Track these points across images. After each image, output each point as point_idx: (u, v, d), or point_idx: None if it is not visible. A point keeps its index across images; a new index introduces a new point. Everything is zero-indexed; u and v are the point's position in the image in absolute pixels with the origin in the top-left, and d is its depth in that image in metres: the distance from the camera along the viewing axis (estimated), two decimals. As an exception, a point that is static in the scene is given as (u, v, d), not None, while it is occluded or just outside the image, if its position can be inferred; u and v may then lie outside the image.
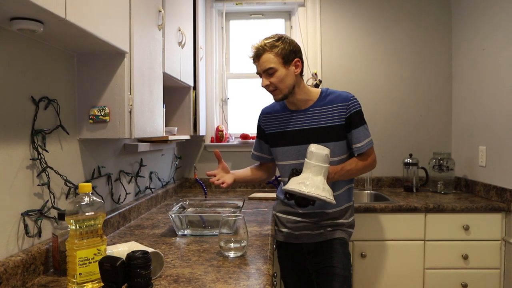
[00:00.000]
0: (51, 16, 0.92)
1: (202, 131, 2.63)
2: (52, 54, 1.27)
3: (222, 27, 3.00)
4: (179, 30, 2.01)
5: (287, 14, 3.04)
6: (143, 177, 2.10)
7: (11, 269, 1.02)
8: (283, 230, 1.78)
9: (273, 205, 1.98)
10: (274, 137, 1.75)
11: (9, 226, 1.08)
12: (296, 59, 1.62)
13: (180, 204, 1.79)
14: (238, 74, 3.06)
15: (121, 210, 1.72)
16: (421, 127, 2.88)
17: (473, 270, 2.21)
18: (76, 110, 1.41)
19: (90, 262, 1.01)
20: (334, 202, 1.40)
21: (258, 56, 1.60)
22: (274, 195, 2.45)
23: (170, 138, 2.05)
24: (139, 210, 1.95)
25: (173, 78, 1.94)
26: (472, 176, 2.58)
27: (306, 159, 1.43)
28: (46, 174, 1.22)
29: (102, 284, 0.97)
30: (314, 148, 1.43)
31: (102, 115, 1.38)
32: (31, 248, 1.14)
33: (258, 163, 1.90)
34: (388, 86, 2.89)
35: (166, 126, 2.10)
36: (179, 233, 1.60)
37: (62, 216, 1.16)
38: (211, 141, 2.95)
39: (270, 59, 1.57)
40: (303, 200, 1.42)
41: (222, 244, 1.33)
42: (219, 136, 2.91)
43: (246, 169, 1.85)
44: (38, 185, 1.20)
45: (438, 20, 2.85)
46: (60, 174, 1.29)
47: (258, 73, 1.64)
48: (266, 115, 1.80)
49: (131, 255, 0.97)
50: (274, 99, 1.67)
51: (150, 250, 1.09)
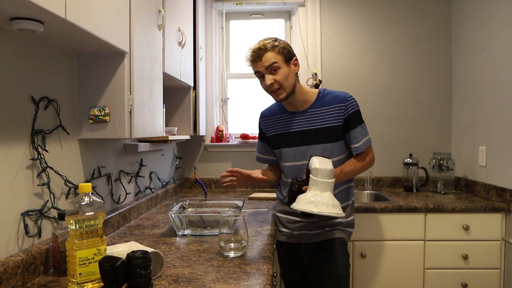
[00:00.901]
0: (51, 16, 0.92)
1: (202, 131, 2.63)
2: (52, 54, 1.27)
3: (222, 27, 3.00)
4: (179, 30, 2.01)
5: (287, 14, 3.04)
6: (143, 177, 2.10)
7: (11, 269, 1.02)
8: (283, 230, 1.78)
9: (273, 205, 1.98)
10: (274, 139, 1.75)
11: (9, 226, 1.08)
12: (294, 58, 1.65)
13: (180, 204, 1.79)
14: (238, 74, 3.06)
15: (121, 210, 1.72)
16: (421, 127, 2.88)
17: (473, 270, 2.21)
18: (76, 110, 1.41)
19: (90, 262, 1.01)
20: (344, 215, 1.41)
21: (259, 56, 1.59)
22: (274, 195, 2.45)
23: (170, 138, 2.05)
24: (139, 210, 1.95)
25: (173, 78, 1.94)
26: (472, 176, 2.58)
27: (311, 176, 1.43)
28: (46, 174, 1.22)
29: (102, 284, 0.97)
30: (318, 164, 1.43)
31: (102, 115, 1.38)
32: (31, 248, 1.14)
33: (265, 166, 1.89)
34: (388, 86, 2.89)
35: (166, 126, 2.10)
36: (179, 233, 1.60)
37: (62, 216, 1.16)
38: (211, 141, 2.95)
39: (273, 57, 1.58)
40: (310, 213, 1.42)
41: (222, 244, 1.33)
42: (219, 136, 2.91)
43: (264, 170, 1.83)
44: (38, 185, 1.20)
45: (438, 20, 2.85)
46: (60, 174, 1.29)
47: (258, 73, 1.63)
48: (265, 118, 1.81)
49: (131, 255, 0.97)
50: (277, 99, 1.65)
51: (150, 250, 1.09)
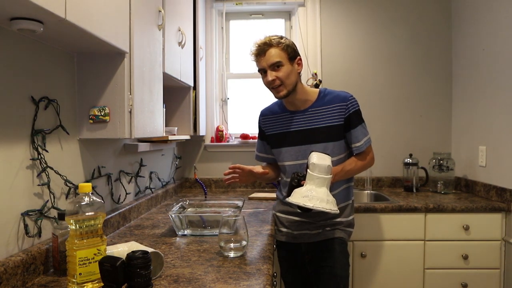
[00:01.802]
0: (51, 16, 0.92)
1: (202, 131, 2.63)
2: (52, 54, 1.27)
3: (222, 27, 3.00)
4: (179, 30, 2.01)
5: (287, 14, 3.04)
6: (143, 177, 2.10)
7: (11, 269, 1.02)
8: (283, 230, 1.78)
9: (273, 205, 1.98)
10: (274, 138, 1.75)
11: (9, 226, 1.08)
12: (298, 57, 1.64)
13: (180, 204, 1.79)
14: (238, 74, 3.06)
15: (121, 210, 1.72)
16: (421, 127, 2.88)
17: (473, 270, 2.21)
18: (76, 110, 1.41)
19: (90, 262, 1.01)
20: (338, 211, 1.41)
21: (264, 51, 1.59)
22: (274, 195, 2.45)
23: (170, 138, 2.05)
24: (139, 210, 1.95)
25: (173, 78, 1.94)
26: (472, 176, 2.58)
27: (308, 170, 1.42)
28: (46, 174, 1.22)
29: (102, 284, 0.97)
30: (316, 159, 1.42)
31: (102, 115, 1.38)
32: (31, 248, 1.14)
33: (264, 164, 1.89)
34: (388, 86, 2.89)
35: (166, 126, 2.09)
36: (179, 233, 1.60)
37: (62, 216, 1.16)
38: (211, 141, 2.95)
39: (278, 53, 1.58)
40: (306, 208, 1.41)
41: (222, 244, 1.33)
42: (219, 136, 2.91)
43: (264, 167, 1.83)
44: (38, 185, 1.20)
45: (438, 20, 2.85)
46: (60, 174, 1.29)
47: (260, 69, 1.63)
48: (265, 117, 1.80)
49: (131, 255, 0.97)
50: (278, 96, 1.64)
51: (150, 250, 1.09)
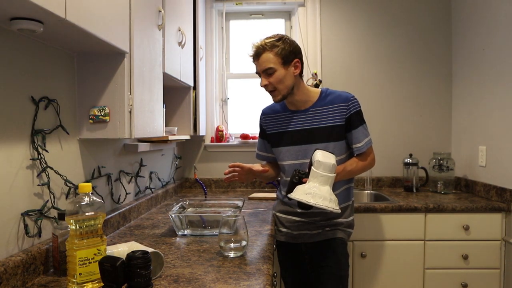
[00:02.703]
0: (51, 16, 0.92)
1: (202, 131, 2.63)
2: (52, 54, 1.27)
3: (222, 27, 3.00)
4: (179, 30, 2.01)
5: (287, 14, 3.04)
6: (143, 177, 2.10)
7: (11, 269, 1.02)
8: (283, 230, 1.78)
9: (273, 205, 1.98)
10: (275, 137, 1.75)
11: (9, 226, 1.08)
12: (295, 60, 1.62)
13: (180, 204, 1.79)
14: (238, 74, 3.06)
15: (121, 210, 1.72)
16: (421, 127, 2.88)
17: (473, 270, 2.21)
18: (76, 110, 1.41)
19: (90, 262, 1.01)
20: (340, 211, 1.41)
21: (258, 55, 1.60)
22: (274, 195, 2.45)
23: (170, 138, 2.05)
24: (139, 210, 1.95)
25: (173, 78, 1.94)
26: (472, 176, 2.58)
27: (313, 168, 1.42)
28: (46, 174, 1.22)
29: (102, 284, 0.97)
30: (320, 157, 1.42)
31: (102, 115, 1.38)
32: (31, 248, 1.14)
33: (264, 162, 1.89)
34: (388, 86, 2.89)
35: (166, 126, 2.10)
36: (179, 233, 1.60)
37: (62, 216, 1.16)
38: (211, 141, 2.95)
39: (270, 59, 1.58)
40: (306, 204, 1.41)
41: (222, 244, 1.33)
42: (219, 136, 2.91)
43: (264, 165, 1.84)
44: (38, 185, 1.20)
45: (438, 20, 2.85)
46: (60, 174, 1.29)
47: (257, 72, 1.65)
48: (266, 116, 1.81)
49: (131, 255, 0.97)
50: (274, 100, 1.67)
51: (150, 250, 1.09)
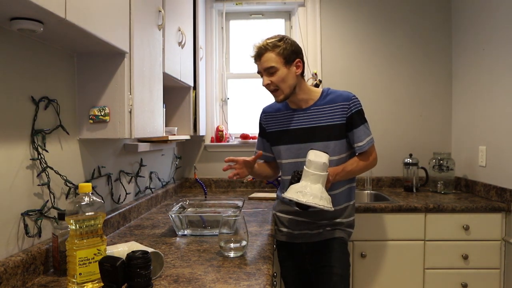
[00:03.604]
0: (51, 16, 0.92)
1: (202, 131, 2.63)
2: (52, 54, 1.27)
3: (222, 27, 3.00)
4: (179, 30, 2.01)
5: (287, 14, 3.04)
6: (143, 177, 2.10)
7: (11, 269, 1.02)
8: (283, 229, 1.78)
9: (273, 205, 1.98)
10: (275, 135, 1.75)
11: (9, 226, 1.08)
12: (297, 60, 1.64)
13: (180, 204, 1.79)
14: (238, 74, 3.06)
15: (121, 210, 1.72)
16: (421, 127, 2.88)
17: (473, 270, 2.21)
18: (76, 110, 1.41)
19: (90, 262, 1.01)
20: (333, 209, 1.41)
21: (259, 55, 1.60)
22: (274, 195, 2.45)
23: (170, 138, 2.05)
24: (139, 210, 1.95)
25: (173, 78, 1.94)
26: (472, 176, 2.58)
27: (305, 167, 1.44)
28: (46, 174, 1.22)
29: (102, 284, 0.97)
30: (312, 156, 1.43)
31: (102, 115, 1.38)
32: (31, 248, 1.14)
33: (262, 161, 1.89)
34: (388, 86, 2.89)
35: (166, 126, 2.10)
36: (179, 233, 1.60)
37: (62, 216, 1.16)
38: (211, 141, 2.95)
39: (272, 58, 1.58)
40: (303, 204, 1.42)
41: (222, 244, 1.33)
42: (219, 136, 2.91)
43: (259, 163, 1.83)
44: (38, 185, 1.20)
45: (438, 20, 2.85)
46: (60, 174, 1.29)
47: (259, 72, 1.65)
48: (267, 114, 1.81)
49: (131, 255, 0.97)
50: (276, 100, 1.67)
51: (150, 250, 1.09)
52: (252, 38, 1.69)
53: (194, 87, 2.49)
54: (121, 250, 1.15)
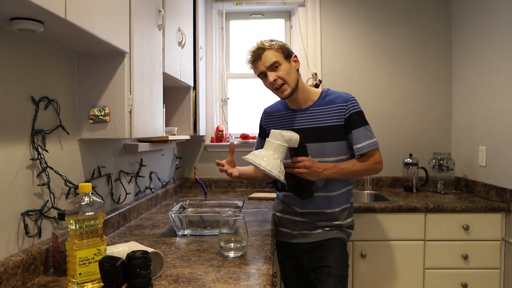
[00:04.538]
0: (51, 16, 0.92)
1: (202, 131, 2.63)
2: (52, 54, 1.27)
3: (222, 27, 3.00)
4: (179, 30, 2.01)
5: (287, 14, 3.04)
6: (143, 177, 2.10)
7: (11, 269, 1.02)
8: (283, 229, 1.78)
9: (273, 204, 1.98)
10: None
11: (9, 226, 1.08)
12: (293, 55, 1.67)
13: (180, 204, 1.79)
14: (238, 74, 3.06)
15: (121, 210, 1.72)
16: (421, 127, 2.88)
17: (473, 270, 2.21)
18: (76, 110, 1.41)
19: (90, 262, 1.01)
20: (275, 175, 1.43)
21: (259, 55, 1.61)
22: (274, 195, 2.45)
23: (170, 138, 2.05)
24: (139, 210, 1.95)
25: (173, 78, 1.94)
26: (472, 176, 2.58)
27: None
28: (46, 174, 1.22)
29: (102, 284, 0.97)
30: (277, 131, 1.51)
31: (102, 115, 1.38)
32: (31, 248, 1.14)
33: None
34: (388, 86, 2.89)
35: (166, 126, 2.10)
36: (179, 233, 1.60)
37: (62, 216, 1.17)
38: (211, 141, 2.95)
39: (273, 54, 1.61)
40: (281, 184, 1.52)
41: (222, 244, 1.33)
42: (219, 136, 2.91)
43: (249, 167, 1.84)
44: (38, 185, 1.20)
45: (438, 20, 2.85)
46: (60, 174, 1.29)
47: (260, 74, 1.64)
48: (268, 115, 1.82)
49: (131, 255, 0.97)
50: (282, 96, 1.65)
51: (150, 250, 1.09)
52: (252, 38, 1.69)
53: (194, 87, 2.49)
54: (121, 250, 1.15)
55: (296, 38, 2.91)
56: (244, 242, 1.32)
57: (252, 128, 2.94)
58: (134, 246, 1.18)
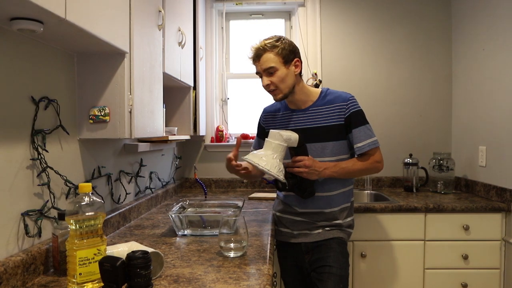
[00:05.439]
0: (51, 16, 0.93)
1: (202, 131, 2.63)
2: (52, 54, 1.27)
3: (222, 27, 3.00)
4: (179, 30, 2.01)
5: (287, 14, 3.04)
6: (143, 177, 2.10)
7: (11, 269, 1.02)
8: (283, 229, 1.78)
9: (273, 204, 1.98)
10: None
11: (9, 226, 1.08)
12: (295, 59, 1.64)
13: (180, 204, 1.79)
14: (238, 74, 3.06)
15: (121, 210, 1.72)
16: (421, 127, 2.88)
17: (473, 270, 2.21)
18: (76, 110, 1.41)
19: (90, 262, 1.01)
20: (274, 174, 1.45)
21: (258, 56, 1.60)
22: (274, 195, 2.45)
23: (170, 138, 2.05)
24: (139, 210, 1.95)
25: (173, 78, 1.94)
26: (472, 176, 2.58)
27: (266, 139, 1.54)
28: (46, 174, 1.22)
29: (102, 284, 0.97)
30: (278, 130, 1.53)
31: (102, 115, 1.38)
32: (31, 248, 1.14)
33: None
34: (388, 86, 2.89)
35: (166, 126, 2.10)
36: (179, 233, 1.60)
37: (62, 216, 1.16)
38: (211, 141, 2.95)
39: (271, 59, 1.58)
40: (282, 183, 1.55)
41: (222, 244, 1.33)
42: (219, 136, 2.91)
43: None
44: (38, 185, 1.20)
45: (439, 20, 2.85)
46: (60, 174, 1.29)
47: (258, 73, 1.65)
48: (267, 114, 1.82)
49: (131, 255, 0.97)
50: (274, 99, 1.67)
51: (150, 250, 1.09)
52: (252, 38, 1.69)
53: (194, 87, 2.49)
54: (121, 250, 1.15)
55: (296, 38, 2.91)
56: (244, 242, 1.32)
57: (252, 128, 2.94)
58: (134, 246, 1.18)
